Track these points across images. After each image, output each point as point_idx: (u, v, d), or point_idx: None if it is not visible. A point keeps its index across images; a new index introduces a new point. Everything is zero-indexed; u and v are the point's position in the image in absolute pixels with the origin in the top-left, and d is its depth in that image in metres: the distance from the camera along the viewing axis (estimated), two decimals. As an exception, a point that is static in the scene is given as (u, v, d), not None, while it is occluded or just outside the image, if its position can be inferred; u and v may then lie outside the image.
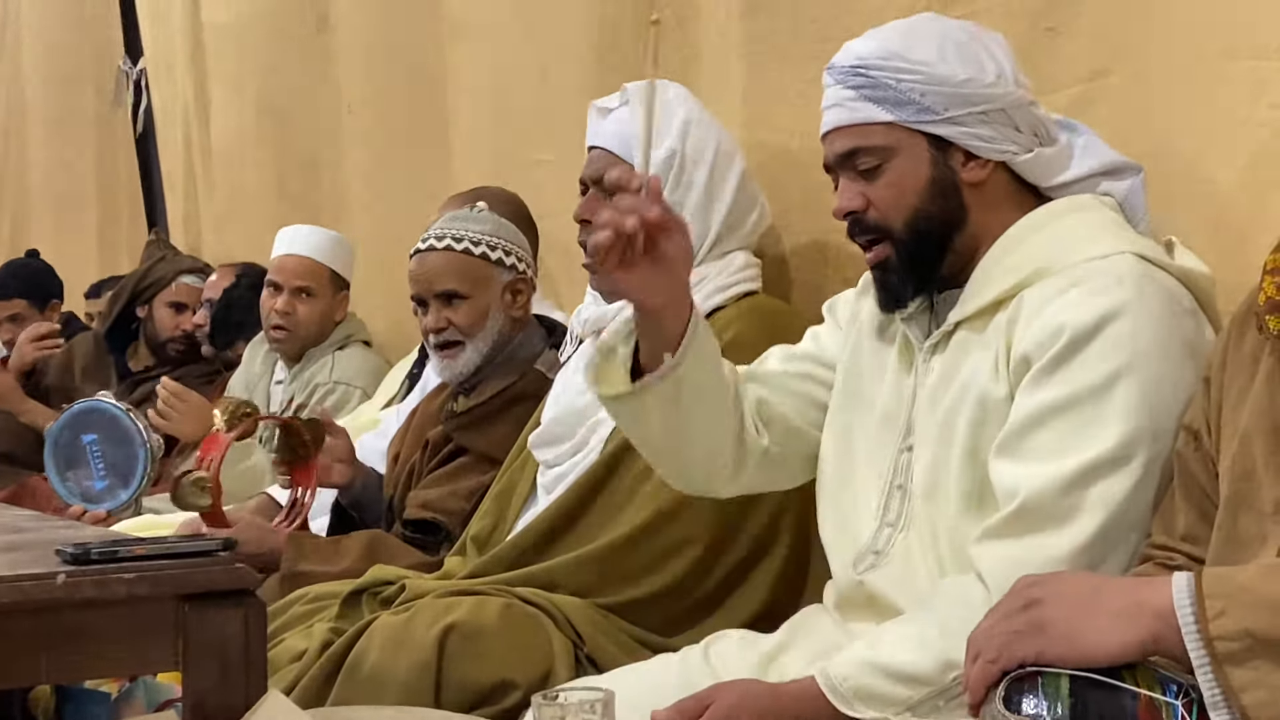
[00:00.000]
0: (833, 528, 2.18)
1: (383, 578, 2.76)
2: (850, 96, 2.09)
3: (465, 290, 3.18)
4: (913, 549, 2.04)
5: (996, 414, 1.96)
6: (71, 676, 2.78)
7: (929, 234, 2.08)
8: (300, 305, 4.26)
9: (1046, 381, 1.91)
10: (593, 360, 2.18)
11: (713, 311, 2.74)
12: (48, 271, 6.07)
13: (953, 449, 2.01)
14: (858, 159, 2.09)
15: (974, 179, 2.08)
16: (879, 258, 2.11)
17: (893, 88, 2.05)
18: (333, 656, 2.49)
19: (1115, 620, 1.47)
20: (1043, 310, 1.95)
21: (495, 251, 3.19)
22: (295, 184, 5.28)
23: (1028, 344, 1.94)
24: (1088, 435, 1.88)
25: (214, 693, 2.10)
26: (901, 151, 2.07)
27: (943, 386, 2.05)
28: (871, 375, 2.19)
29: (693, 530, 2.56)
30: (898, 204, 2.08)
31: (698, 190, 2.77)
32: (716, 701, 1.93)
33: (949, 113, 2.05)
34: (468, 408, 3.19)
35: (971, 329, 2.05)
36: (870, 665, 1.88)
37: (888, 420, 2.13)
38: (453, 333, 3.19)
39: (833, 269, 2.89)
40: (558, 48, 3.68)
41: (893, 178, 2.08)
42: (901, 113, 2.05)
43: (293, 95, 5.25)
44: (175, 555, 2.16)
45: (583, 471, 2.72)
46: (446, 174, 4.12)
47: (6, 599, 2.02)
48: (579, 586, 2.60)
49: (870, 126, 2.08)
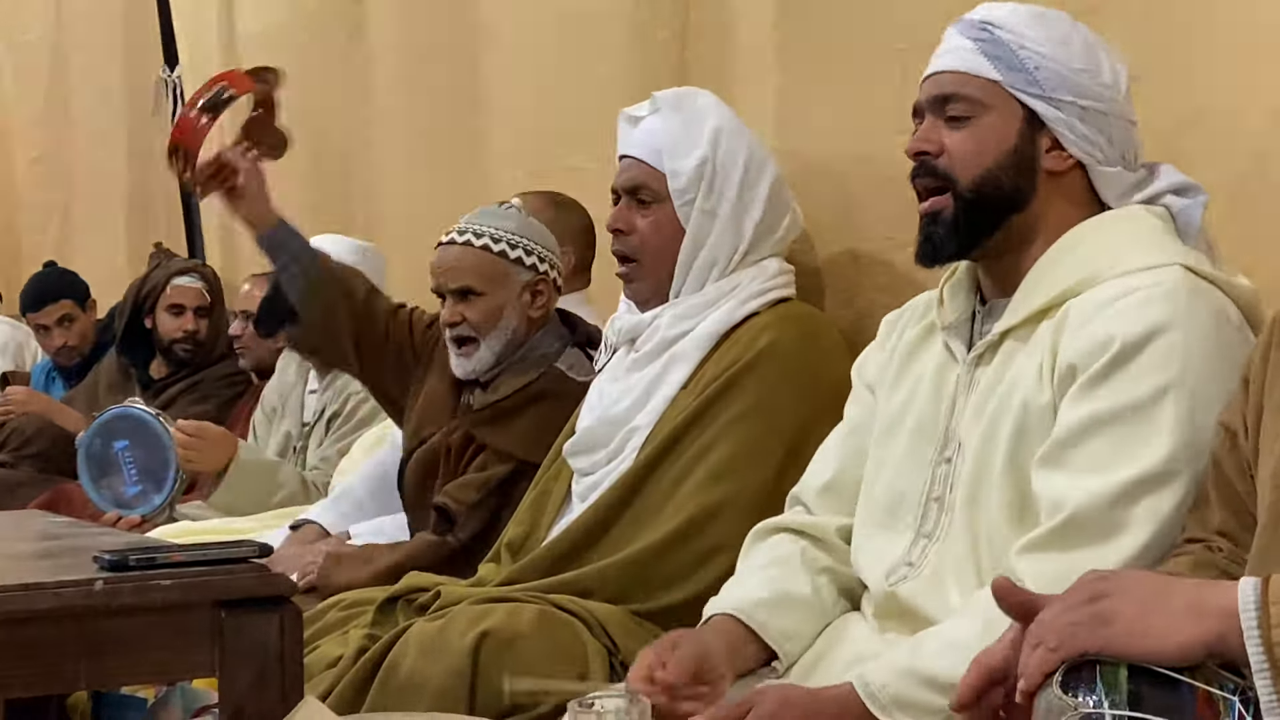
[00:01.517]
0: (866, 540, 2.17)
1: (417, 584, 2.77)
2: (967, 47, 2.10)
3: (480, 287, 3.18)
4: (946, 561, 2.04)
5: (1039, 423, 1.95)
6: (108, 682, 2.79)
7: (991, 200, 2.07)
8: None
9: (1094, 392, 1.90)
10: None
11: (746, 318, 2.75)
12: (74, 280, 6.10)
13: (994, 458, 2.00)
14: (951, 104, 2.10)
15: (1053, 167, 2.07)
16: (934, 207, 2.11)
17: (1012, 52, 2.06)
18: (368, 663, 2.50)
19: (1180, 618, 1.46)
20: (1091, 320, 1.94)
21: (516, 250, 3.19)
22: (329, 192, 5.28)
23: (1075, 353, 1.93)
24: (1135, 449, 1.86)
25: (250, 699, 2.10)
26: (994, 111, 2.08)
27: (987, 397, 2.04)
28: (907, 390, 2.18)
29: (725, 538, 2.55)
30: (973, 160, 2.08)
31: (730, 198, 2.77)
32: (756, 707, 1.92)
33: (1054, 94, 2.05)
34: (486, 404, 3.19)
35: (1017, 338, 2.04)
36: (909, 673, 1.87)
37: (923, 432, 2.12)
38: (465, 328, 3.20)
39: (865, 276, 2.89)
40: (593, 54, 3.69)
41: (977, 132, 2.08)
42: (1010, 76, 2.06)
43: (327, 104, 5.25)
44: (212, 562, 2.17)
45: (616, 479, 2.73)
46: (482, 181, 4.12)
47: (45, 605, 2.03)
48: (613, 593, 2.60)
49: (975, 78, 2.08)
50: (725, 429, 2.64)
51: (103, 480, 4.37)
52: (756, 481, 2.60)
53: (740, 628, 2.15)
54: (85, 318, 5.96)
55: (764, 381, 2.66)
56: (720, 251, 2.78)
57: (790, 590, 2.19)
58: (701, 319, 2.76)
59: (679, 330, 2.76)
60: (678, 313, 2.78)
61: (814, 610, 2.19)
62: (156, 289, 5.38)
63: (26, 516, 3.53)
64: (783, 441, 2.62)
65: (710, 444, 2.64)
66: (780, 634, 2.14)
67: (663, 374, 2.76)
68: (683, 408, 2.70)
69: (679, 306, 2.78)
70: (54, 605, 2.04)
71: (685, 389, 2.73)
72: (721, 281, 2.78)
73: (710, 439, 2.65)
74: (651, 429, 2.73)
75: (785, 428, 2.63)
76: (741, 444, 2.63)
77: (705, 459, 2.64)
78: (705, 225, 2.77)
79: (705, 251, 2.78)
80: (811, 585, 2.20)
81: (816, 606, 2.19)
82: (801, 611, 2.17)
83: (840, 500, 2.26)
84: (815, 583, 2.20)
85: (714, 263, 2.78)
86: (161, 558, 2.15)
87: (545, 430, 3.03)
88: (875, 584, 2.12)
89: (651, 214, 2.80)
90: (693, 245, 2.78)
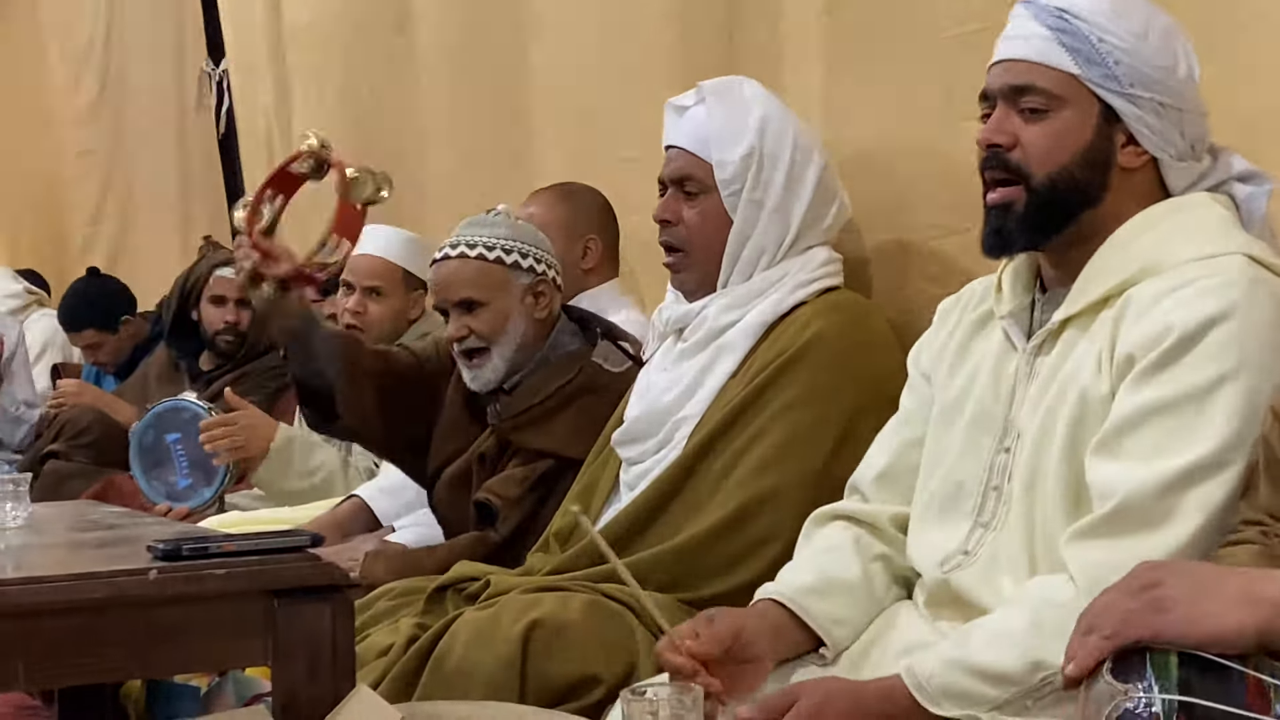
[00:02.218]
0: (923, 528, 2.16)
1: (467, 574, 2.78)
2: (1044, 35, 2.04)
3: (482, 297, 3.17)
4: (1001, 549, 2.03)
5: (1097, 412, 1.94)
6: (162, 671, 2.82)
7: (1065, 197, 2.04)
8: (371, 304, 4.26)
9: (1150, 381, 1.89)
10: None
11: (794, 308, 2.75)
12: (110, 291, 6.12)
13: (1051, 446, 1.99)
14: (1027, 96, 2.05)
15: (1128, 163, 2.05)
16: (1005, 199, 2.07)
17: (1091, 44, 2.02)
18: (418, 652, 2.51)
19: (1232, 605, 1.46)
20: (1150, 309, 1.92)
21: (511, 255, 3.18)
22: (376, 184, 5.30)
23: (1133, 342, 1.92)
24: (1188, 438, 1.85)
25: (303, 687, 2.12)
26: (1072, 106, 2.04)
27: (1046, 386, 2.03)
28: (965, 378, 2.17)
29: (775, 527, 2.56)
30: (1049, 155, 2.04)
31: (777, 187, 2.77)
32: (802, 699, 1.92)
33: (1133, 89, 2.02)
34: (521, 409, 3.17)
35: (1077, 327, 2.03)
36: (958, 664, 1.87)
37: (982, 421, 2.11)
38: (474, 340, 3.18)
39: (913, 264, 2.88)
40: (640, 45, 3.69)
41: (1055, 127, 2.04)
42: (1090, 71, 2.02)
43: (373, 95, 5.27)
44: (265, 551, 2.19)
45: (665, 468, 2.73)
46: (528, 173, 4.13)
47: (100, 594, 2.06)
48: (662, 581, 2.60)
49: (1052, 71, 2.03)
50: (774, 418, 2.64)
51: (154, 471, 4.41)
52: (805, 470, 2.60)
53: (784, 613, 2.14)
54: (114, 339, 5.98)
55: (812, 371, 2.65)
56: (768, 241, 2.78)
57: (838, 576, 2.18)
58: (749, 309, 2.76)
59: (727, 320, 2.76)
60: (726, 303, 2.78)
61: (863, 596, 2.18)
62: (200, 281, 5.41)
63: (80, 507, 3.55)
64: (832, 430, 2.62)
65: (759, 433, 2.64)
66: (827, 619, 2.13)
67: (711, 364, 2.76)
68: (731, 397, 2.70)
69: (727, 296, 2.78)
70: (108, 594, 2.06)
71: (734, 378, 2.73)
72: (769, 271, 2.78)
73: (759, 428, 2.64)
74: (700, 418, 2.73)
75: (834, 416, 2.63)
76: (790, 433, 2.62)
77: (754, 448, 2.64)
78: (753, 215, 2.77)
79: (753, 241, 2.78)
80: (862, 571, 2.19)
81: (866, 592, 2.18)
82: (849, 597, 2.17)
83: (896, 488, 2.25)
84: (867, 569, 2.19)
85: (762, 252, 2.78)
86: (214, 547, 2.17)
87: (587, 424, 3.04)
88: (929, 571, 2.11)
89: (698, 204, 2.80)
90: (740, 235, 2.78)
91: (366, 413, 3.36)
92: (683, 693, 1.76)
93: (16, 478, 2.69)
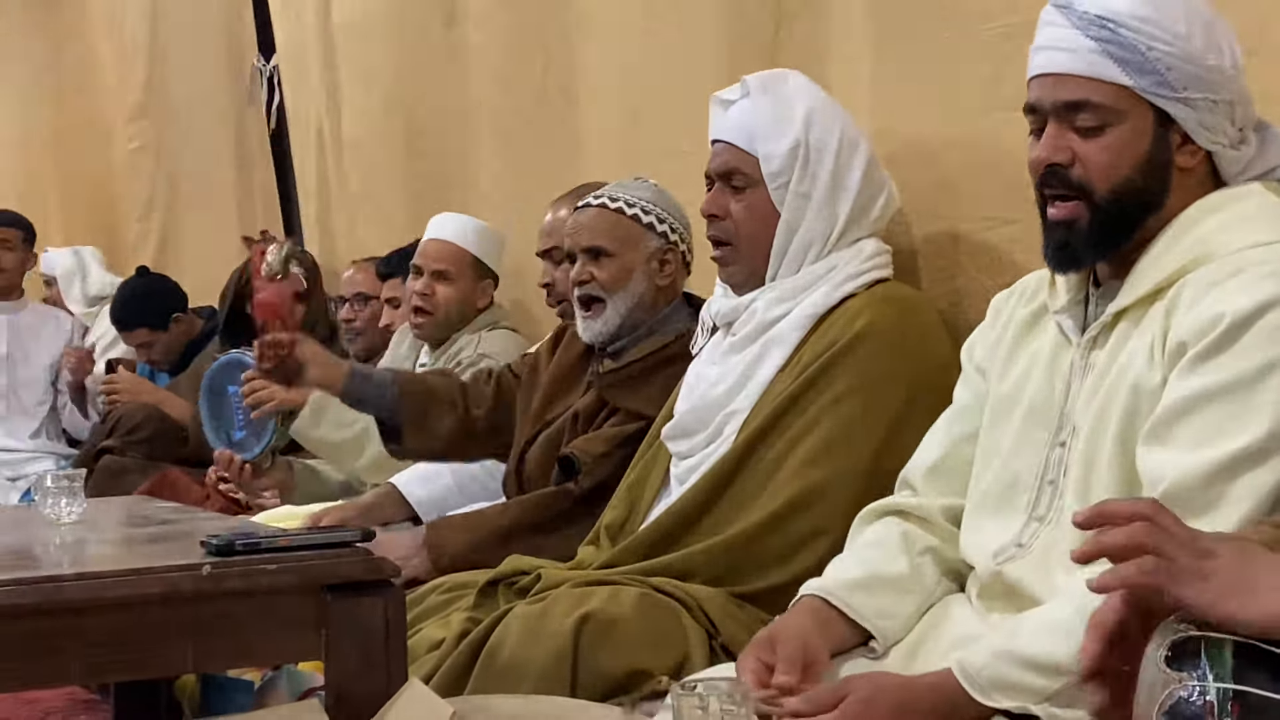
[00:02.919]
0: (978, 522, 2.16)
1: (518, 568, 2.79)
2: (1091, 47, 2.01)
3: (611, 247, 3.22)
4: (1055, 543, 2.02)
5: (1149, 403, 1.92)
6: (216, 665, 2.83)
7: (1130, 207, 2.03)
8: (439, 287, 4.26)
9: (1200, 368, 1.87)
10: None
11: (843, 300, 2.74)
12: (161, 289, 6.15)
13: (1105, 438, 1.98)
14: (1080, 113, 2.02)
15: (1186, 164, 2.03)
16: (1068, 215, 2.05)
17: (1141, 53, 1.99)
18: (470, 645, 2.51)
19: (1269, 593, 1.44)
20: (1202, 298, 1.91)
21: (649, 216, 3.22)
22: (425, 180, 5.32)
23: (1185, 331, 1.90)
24: (1237, 424, 1.83)
25: (356, 681, 2.13)
26: (1129, 119, 2.01)
27: (1101, 379, 2.01)
28: (1020, 372, 2.16)
29: (825, 520, 2.56)
30: (1110, 170, 2.02)
31: (824, 180, 2.77)
32: (852, 693, 1.91)
33: (1187, 92, 2.00)
34: (619, 366, 3.22)
35: (1130, 319, 2.01)
36: (1007, 655, 1.86)
37: (1037, 415, 2.10)
38: (594, 287, 3.22)
39: (964, 255, 2.87)
40: (687, 39, 3.69)
41: (1112, 141, 2.02)
42: (1143, 80, 1.99)
43: (422, 90, 5.29)
44: (317, 546, 2.20)
45: (715, 462, 2.74)
46: (577, 168, 4.14)
47: (154, 589, 2.07)
48: (713, 575, 2.60)
49: (1105, 85, 2.00)
50: (823, 411, 2.64)
51: (217, 418, 4.49)
52: (855, 463, 2.59)
53: (827, 608, 2.14)
54: (166, 337, 6.01)
55: (862, 363, 2.65)
56: (816, 234, 2.78)
57: (884, 570, 2.18)
58: (798, 302, 2.75)
59: (776, 313, 2.76)
60: (774, 295, 2.78)
61: (911, 588, 2.18)
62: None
63: (135, 502, 3.58)
64: (882, 423, 2.61)
65: (809, 426, 2.64)
66: (874, 613, 2.13)
67: (760, 357, 2.76)
68: (780, 391, 2.69)
69: (775, 289, 2.78)
70: (163, 590, 2.08)
71: (783, 372, 2.72)
72: (818, 264, 2.77)
73: (809, 421, 2.64)
74: (749, 412, 2.73)
75: (884, 409, 2.62)
76: (840, 426, 2.62)
77: (804, 441, 2.63)
78: (800, 208, 2.77)
79: (801, 234, 2.78)
80: (910, 565, 2.19)
81: (914, 585, 2.18)
82: (895, 590, 2.16)
83: (947, 481, 2.24)
84: (915, 563, 2.19)
85: (810, 245, 2.78)
86: (267, 542, 2.19)
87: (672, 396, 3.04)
88: (982, 564, 2.11)
89: (745, 199, 2.80)
90: (788, 228, 2.78)
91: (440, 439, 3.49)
92: (733, 688, 1.76)
93: (71, 474, 2.72)
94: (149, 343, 6.00)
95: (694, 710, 1.74)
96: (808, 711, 1.92)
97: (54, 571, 2.14)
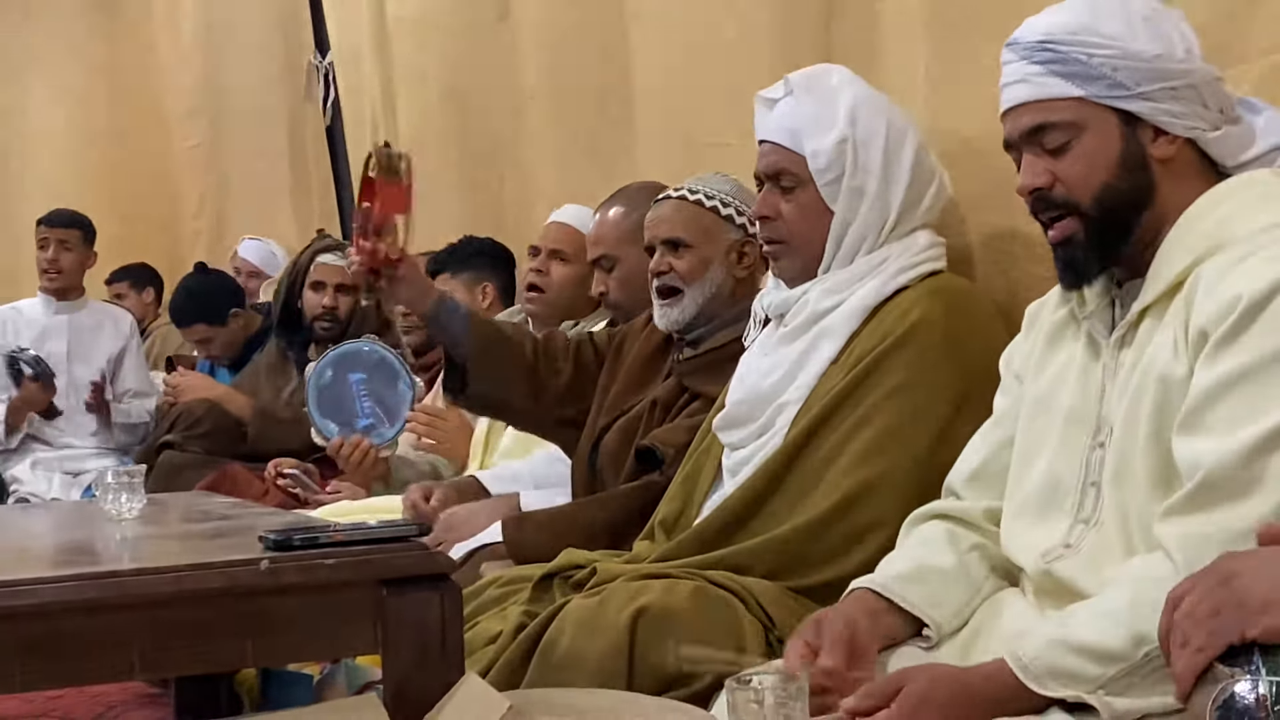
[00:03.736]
0: (1021, 527, 2.16)
1: (574, 561, 2.80)
2: (1037, 72, 2.07)
3: (690, 239, 3.24)
4: (1102, 543, 2.03)
5: (1178, 393, 1.93)
6: (275, 659, 2.85)
7: (1118, 210, 2.06)
8: (555, 266, 4.21)
9: (1224, 353, 1.88)
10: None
11: (897, 292, 2.73)
12: (218, 285, 6.19)
13: (1138, 433, 1.98)
14: (1044, 136, 2.08)
15: (1163, 155, 2.06)
16: (1064, 234, 2.10)
17: (1083, 63, 2.04)
18: (527, 639, 2.52)
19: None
20: (1218, 282, 1.92)
21: (728, 209, 3.24)
22: (479, 172, 5.34)
23: (1204, 318, 1.91)
24: (1266, 404, 1.83)
25: (413, 675, 2.14)
26: (1090, 127, 2.06)
27: (1130, 377, 2.03)
28: (1055, 377, 2.18)
29: (882, 514, 2.55)
30: (1087, 180, 2.06)
31: (874, 173, 2.76)
32: (907, 686, 1.91)
33: (1140, 88, 2.03)
34: (699, 353, 3.24)
35: (1153, 315, 2.03)
36: (1061, 643, 1.86)
37: (1075, 420, 2.11)
38: (672, 278, 3.24)
39: (1020, 248, 2.86)
40: (740, 29, 3.68)
41: (1082, 153, 2.06)
42: (1092, 88, 2.04)
43: (476, 84, 5.30)
44: (374, 541, 2.21)
45: (767, 456, 2.73)
46: (630, 160, 4.14)
47: (214, 584, 2.09)
48: (768, 569, 2.60)
49: (1058, 102, 2.06)
50: (877, 405, 2.63)
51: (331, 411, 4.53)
52: (911, 457, 2.59)
53: (878, 600, 2.15)
54: (224, 332, 6.04)
55: (916, 357, 2.64)
56: (870, 226, 2.77)
57: (931, 563, 2.20)
58: (850, 293, 2.75)
59: (827, 304, 2.76)
60: (826, 287, 2.77)
61: (958, 578, 2.19)
62: (303, 270, 5.47)
63: (194, 498, 3.61)
64: (937, 416, 2.61)
65: (863, 420, 2.63)
66: (925, 602, 2.14)
67: (811, 349, 2.76)
68: (833, 384, 2.69)
69: (828, 281, 2.78)
70: (223, 584, 2.09)
71: (835, 364, 2.72)
72: (870, 255, 2.77)
73: (863, 415, 2.64)
74: (801, 405, 2.73)
75: (939, 403, 2.62)
76: (894, 420, 2.61)
77: (858, 436, 2.63)
78: (853, 203, 2.76)
79: (854, 228, 2.77)
80: (958, 559, 2.20)
81: (962, 575, 2.19)
82: (943, 580, 2.18)
83: (988, 486, 2.26)
84: (962, 558, 2.21)
85: (864, 238, 2.77)
86: (324, 537, 2.20)
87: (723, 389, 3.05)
88: (1031, 564, 2.11)
89: (795, 198, 2.80)
90: (842, 223, 2.77)
91: (505, 387, 3.47)
92: (787, 681, 1.77)
93: (131, 469, 2.74)
94: (208, 338, 6.04)
95: (749, 704, 1.75)
96: (864, 705, 1.92)
97: (114, 566, 2.16)
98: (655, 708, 2.17)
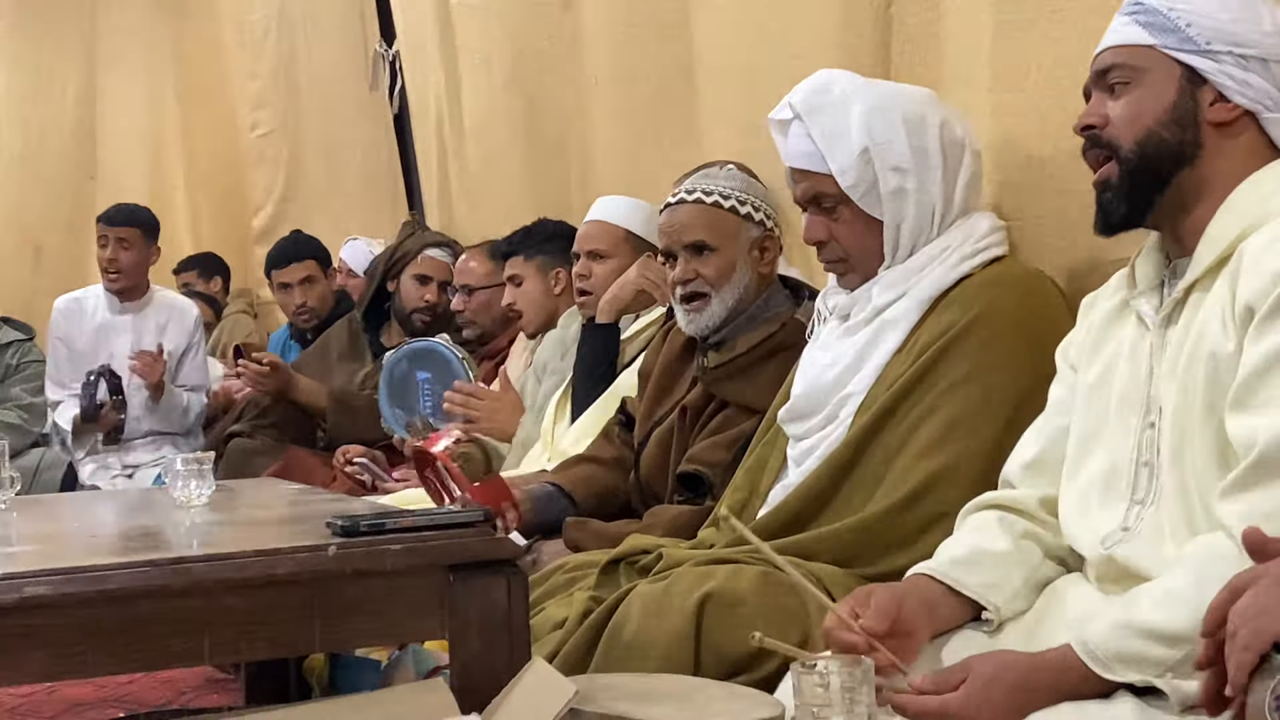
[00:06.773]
0: (1080, 514, 2.15)
1: (640, 546, 2.80)
2: (1124, 22, 2.15)
3: (714, 242, 3.23)
4: (1161, 523, 2.02)
5: (1229, 369, 1.93)
6: (342, 645, 2.87)
7: (1156, 160, 2.09)
8: (595, 266, 4.21)
9: (1269, 329, 1.88)
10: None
11: (959, 280, 2.71)
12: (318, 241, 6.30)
13: (1192, 412, 1.99)
14: (1110, 75, 2.14)
15: (1218, 119, 2.08)
16: (1103, 176, 2.15)
17: (1162, 14, 2.10)
18: (593, 625, 2.53)
19: None
20: (1261, 257, 1.93)
21: (744, 206, 3.24)
22: (544, 160, 5.34)
23: (1250, 293, 1.92)
24: None
25: (480, 660, 2.15)
26: (1151, 74, 2.11)
27: (1178, 355, 2.03)
28: (1108, 363, 2.18)
29: (950, 503, 2.52)
30: (1133, 123, 2.11)
31: (908, 169, 2.74)
32: (973, 672, 1.92)
33: (1210, 46, 2.07)
34: (726, 360, 3.22)
35: (1200, 291, 2.04)
36: (1127, 627, 1.85)
37: (1127, 401, 2.11)
38: (700, 284, 3.24)
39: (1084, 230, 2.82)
40: (802, 16, 3.67)
41: (1135, 96, 2.12)
42: (1164, 38, 2.09)
43: (540, 72, 5.31)
44: (440, 527, 2.22)
45: (833, 446, 2.72)
46: (695, 147, 4.13)
47: (283, 570, 2.10)
48: (839, 557, 2.59)
49: (1130, 48, 2.13)
50: (943, 396, 2.61)
51: (399, 402, 4.57)
52: (978, 447, 2.57)
53: (936, 585, 2.15)
54: (325, 282, 6.11)
55: (981, 347, 2.62)
56: (922, 220, 2.75)
57: (987, 548, 2.19)
58: (913, 284, 2.73)
59: (889, 297, 2.74)
60: (888, 280, 2.76)
61: (1014, 562, 2.18)
62: (408, 256, 5.51)
63: (262, 484, 3.64)
64: (1004, 405, 2.58)
65: (929, 410, 2.62)
66: (982, 585, 2.14)
67: (874, 340, 2.74)
68: (897, 374, 2.67)
69: (891, 274, 2.76)
70: (291, 570, 2.11)
71: (899, 355, 2.70)
72: (930, 245, 2.75)
73: (929, 406, 2.62)
74: (866, 395, 2.71)
75: (1005, 391, 2.59)
76: (961, 411, 2.59)
77: (924, 426, 2.61)
78: (897, 205, 2.74)
79: (906, 226, 2.75)
80: (1013, 544, 2.20)
81: (1019, 560, 2.19)
82: (1000, 564, 2.17)
83: (1044, 476, 2.26)
84: (1017, 543, 2.21)
85: (919, 231, 2.76)
86: (391, 523, 2.21)
87: (785, 380, 3.04)
88: (1091, 550, 2.11)
89: (840, 216, 2.78)
90: (893, 226, 2.75)
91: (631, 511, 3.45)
92: (853, 665, 1.76)
93: (201, 456, 2.76)
94: (313, 277, 6.06)
95: (815, 688, 1.75)
96: (932, 690, 1.92)
97: (184, 553, 2.18)
98: (722, 692, 2.17)
